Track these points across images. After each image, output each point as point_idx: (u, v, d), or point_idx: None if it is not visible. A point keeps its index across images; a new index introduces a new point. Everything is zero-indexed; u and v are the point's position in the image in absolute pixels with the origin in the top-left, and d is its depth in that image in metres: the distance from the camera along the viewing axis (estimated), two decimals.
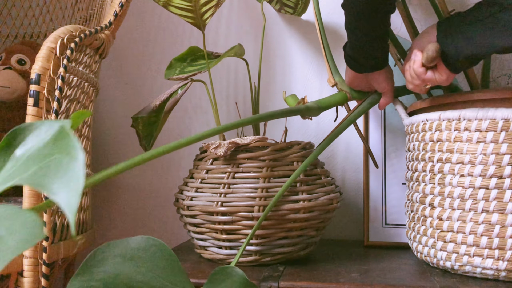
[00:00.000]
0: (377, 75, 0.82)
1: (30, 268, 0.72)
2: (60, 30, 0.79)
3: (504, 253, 0.67)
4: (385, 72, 0.83)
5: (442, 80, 0.71)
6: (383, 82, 0.83)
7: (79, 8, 1.20)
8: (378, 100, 0.88)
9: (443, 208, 0.73)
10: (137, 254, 0.43)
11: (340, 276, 0.72)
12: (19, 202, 0.84)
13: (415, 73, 0.73)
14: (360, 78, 0.84)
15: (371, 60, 0.80)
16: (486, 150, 0.68)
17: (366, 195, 0.98)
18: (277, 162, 0.79)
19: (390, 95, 0.85)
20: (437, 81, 0.72)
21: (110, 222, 1.22)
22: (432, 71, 0.71)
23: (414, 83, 0.75)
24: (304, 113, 0.81)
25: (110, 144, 1.23)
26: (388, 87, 0.84)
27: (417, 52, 0.72)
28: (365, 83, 0.86)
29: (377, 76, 0.83)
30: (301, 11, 1.09)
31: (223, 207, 0.76)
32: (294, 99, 0.88)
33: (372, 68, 0.81)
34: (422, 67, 0.71)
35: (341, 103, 0.89)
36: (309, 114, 0.82)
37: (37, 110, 0.73)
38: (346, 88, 0.89)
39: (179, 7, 0.86)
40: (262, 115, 0.67)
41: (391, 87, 0.84)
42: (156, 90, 1.20)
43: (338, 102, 0.88)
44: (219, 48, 1.15)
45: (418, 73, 0.72)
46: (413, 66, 0.73)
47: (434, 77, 0.71)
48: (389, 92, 0.85)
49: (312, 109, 0.81)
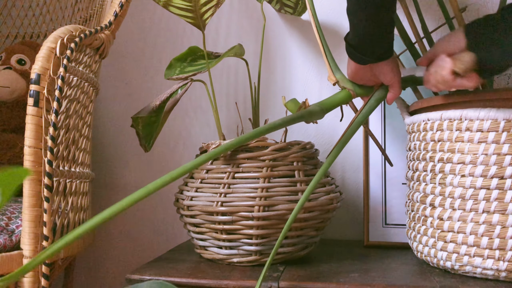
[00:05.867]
0: (383, 66, 0.76)
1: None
2: (60, 30, 0.79)
3: (504, 254, 0.67)
4: (391, 62, 0.77)
5: (470, 86, 0.69)
6: (389, 73, 0.77)
7: (79, 8, 1.20)
8: (385, 95, 0.82)
9: (443, 208, 0.72)
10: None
11: (340, 276, 0.72)
12: (19, 202, 0.83)
13: (443, 79, 0.71)
14: (364, 70, 0.78)
15: (377, 48, 0.73)
16: (488, 151, 0.68)
17: (366, 195, 0.98)
18: (277, 162, 0.79)
19: (398, 87, 0.79)
20: (465, 87, 0.70)
21: (110, 222, 1.21)
22: (461, 78, 0.69)
23: (439, 87, 0.72)
24: (307, 119, 0.75)
25: (110, 144, 1.23)
26: (395, 79, 0.78)
27: (446, 58, 0.69)
28: (370, 76, 0.79)
29: (382, 67, 0.76)
30: (301, 11, 1.09)
31: (223, 207, 0.76)
32: (295, 104, 0.82)
33: (377, 58, 0.75)
34: (452, 75, 0.69)
35: (345, 101, 0.83)
36: (313, 118, 0.77)
37: (37, 110, 0.73)
38: (349, 85, 0.82)
39: (179, 7, 0.86)
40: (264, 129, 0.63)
41: (398, 78, 0.78)
42: (156, 90, 1.20)
43: (342, 101, 0.82)
44: (219, 48, 1.15)
45: (447, 80, 0.70)
46: (442, 73, 0.70)
47: (463, 83, 0.69)
48: (397, 84, 0.79)
49: (315, 113, 0.76)
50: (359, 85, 0.82)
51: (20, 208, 0.80)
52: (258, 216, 0.75)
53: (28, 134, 0.72)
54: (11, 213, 0.78)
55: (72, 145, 0.85)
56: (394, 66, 0.77)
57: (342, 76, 0.84)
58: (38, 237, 0.73)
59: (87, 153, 0.95)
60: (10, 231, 0.74)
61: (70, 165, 0.85)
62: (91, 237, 0.96)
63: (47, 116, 0.74)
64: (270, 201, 0.76)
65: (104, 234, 1.21)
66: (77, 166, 0.88)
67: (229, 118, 1.17)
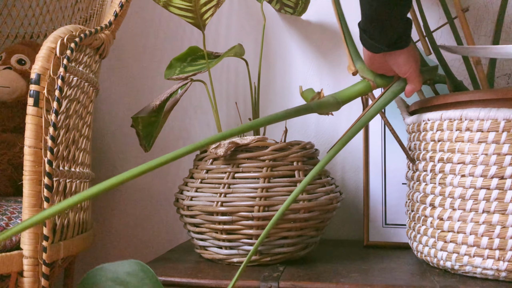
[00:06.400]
0: (396, 56, 0.69)
1: (30, 268, 0.72)
2: (60, 30, 0.79)
3: (504, 254, 0.67)
4: (406, 53, 0.69)
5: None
6: (404, 65, 0.70)
7: (79, 8, 1.20)
8: (404, 87, 0.75)
9: (443, 208, 0.72)
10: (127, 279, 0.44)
11: (340, 276, 0.72)
12: (19, 202, 0.83)
13: None
14: (378, 60, 0.72)
15: (388, 32, 0.66)
16: (488, 151, 0.68)
17: (366, 195, 0.98)
18: (277, 162, 0.79)
19: (416, 80, 0.72)
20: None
21: (110, 222, 1.22)
22: None
23: None
24: (316, 110, 0.70)
25: (110, 144, 1.23)
26: (410, 71, 0.71)
27: None
28: (385, 67, 0.73)
29: (396, 57, 0.69)
30: (301, 11, 1.09)
31: (223, 207, 0.76)
32: (311, 93, 0.76)
33: (389, 45, 0.67)
34: None
35: (364, 93, 0.77)
36: (327, 110, 0.71)
37: (37, 110, 0.73)
38: (370, 75, 0.76)
39: (179, 7, 0.86)
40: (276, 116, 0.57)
41: (414, 70, 0.71)
42: (156, 90, 1.20)
43: (360, 92, 0.76)
44: (219, 48, 1.15)
45: None
46: None
47: None
48: (414, 77, 0.72)
49: (326, 105, 0.70)
50: (380, 75, 0.76)
51: (20, 208, 0.80)
52: (258, 216, 0.75)
53: (28, 134, 0.72)
54: (11, 213, 0.78)
55: (72, 145, 0.86)
56: (410, 57, 0.70)
57: (363, 65, 0.78)
58: (38, 237, 0.73)
59: (87, 153, 0.95)
60: None
61: (70, 165, 0.85)
62: (91, 237, 0.96)
63: (47, 116, 0.74)
64: (270, 201, 0.76)
65: (104, 234, 1.21)
66: (77, 166, 0.88)
67: (229, 118, 1.17)
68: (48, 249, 0.74)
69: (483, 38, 1.05)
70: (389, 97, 0.74)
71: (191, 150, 0.44)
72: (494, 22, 1.03)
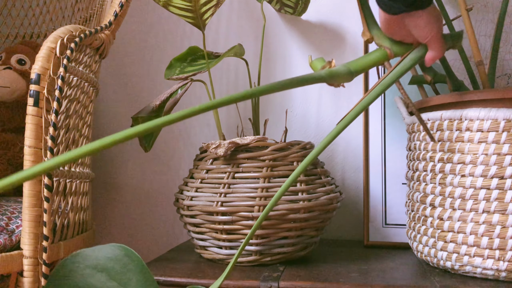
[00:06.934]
0: (416, 17, 0.62)
1: (30, 268, 0.72)
2: (60, 30, 0.79)
3: (504, 254, 0.67)
4: (427, 13, 0.62)
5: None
6: (424, 27, 0.62)
7: (79, 8, 1.20)
8: (424, 53, 0.68)
9: (444, 208, 0.72)
10: (109, 265, 0.40)
11: (340, 276, 0.72)
12: (19, 202, 0.83)
13: None
14: (395, 23, 0.64)
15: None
16: (488, 151, 0.68)
17: (366, 195, 0.98)
18: (277, 162, 0.79)
19: (438, 45, 0.64)
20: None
21: (110, 222, 1.22)
22: None
23: None
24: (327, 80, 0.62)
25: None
26: (431, 34, 0.63)
27: None
28: (404, 32, 0.66)
29: (416, 19, 0.62)
30: (301, 11, 1.09)
31: (223, 207, 0.76)
32: (320, 63, 0.71)
33: (408, 4, 0.60)
34: None
35: (380, 62, 0.70)
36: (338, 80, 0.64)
37: (37, 110, 0.73)
38: (386, 43, 0.69)
39: (179, 7, 0.86)
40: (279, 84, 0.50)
41: (436, 33, 0.63)
42: (156, 90, 1.20)
43: (375, 61, 0.69)
44: (219, 48, 1.15)
45: None
46: None
47: None
48: (435, 42, 0.64)
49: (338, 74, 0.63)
50: (397, 43, 0.69)
51: (20, 208, 0.80)
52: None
53: (28, 134, 0.72)
54: (11, 213, 0.78)
55: (72, 145, 0.85)
56: (431, 18, 0.63)
57: (379, 32, 0.71)
58: (38, 237, 0.73)
59: None
60: (10, 231, 0.74)
61: (70, 165, 0.85)
62: (91, 237, 0.96)
63: (47, 116, 0.74)
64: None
65: (104, 234, 1.21)
66: (77, 166, 0.88)
67: (229, 118, 1.17)
68: (48, 249, 0.74)
69: (483, 38, 1.05)
70: (408, 65, 0.66)
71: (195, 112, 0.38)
72: (494, 22, 1.03)
